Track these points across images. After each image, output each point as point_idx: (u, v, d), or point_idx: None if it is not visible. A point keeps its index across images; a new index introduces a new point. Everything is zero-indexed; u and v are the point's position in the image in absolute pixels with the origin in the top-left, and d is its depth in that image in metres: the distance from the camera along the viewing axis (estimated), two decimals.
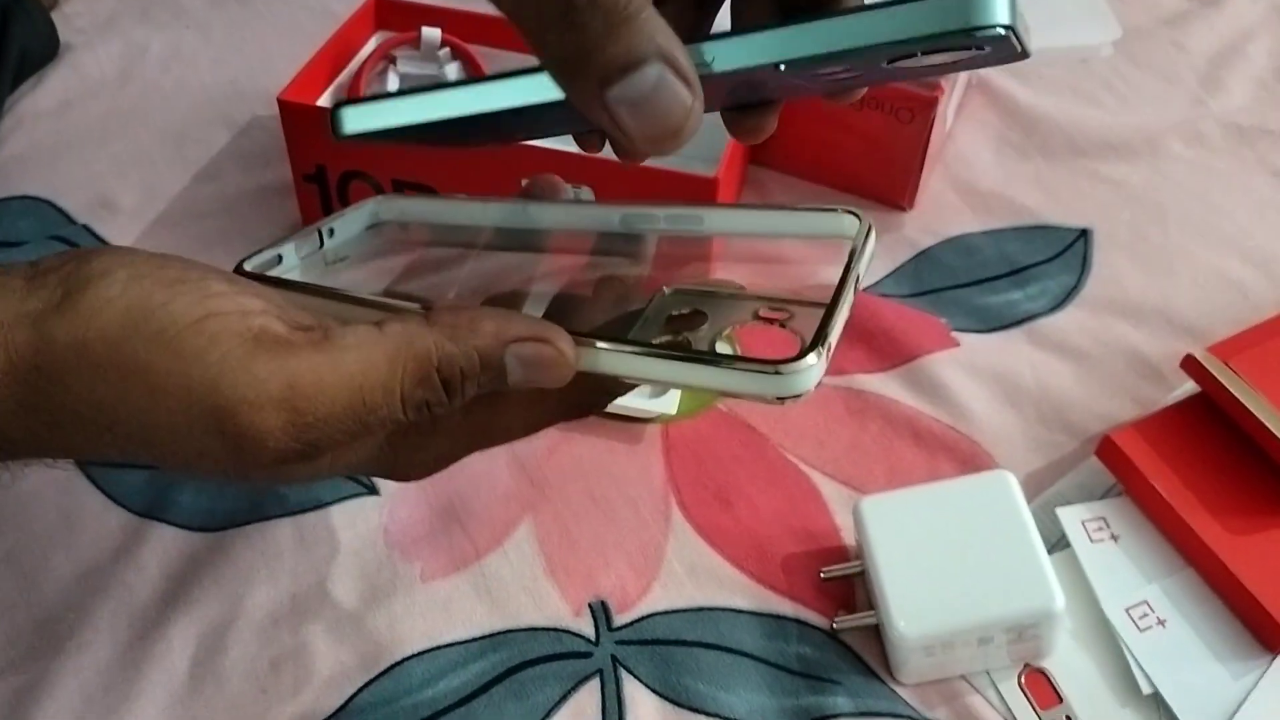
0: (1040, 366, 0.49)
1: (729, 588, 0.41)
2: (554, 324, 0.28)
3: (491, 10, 0.26)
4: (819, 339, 0.27)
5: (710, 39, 0.26)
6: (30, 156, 0.59)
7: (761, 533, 0.43)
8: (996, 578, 0.37)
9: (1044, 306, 0.52)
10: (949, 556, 0.38)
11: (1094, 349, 0.50)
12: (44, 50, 0.64)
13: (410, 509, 0.43)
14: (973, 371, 0.49)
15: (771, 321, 0.29)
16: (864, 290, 0.30)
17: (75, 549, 0.42)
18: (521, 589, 0.41)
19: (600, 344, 0.28)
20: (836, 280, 0.28)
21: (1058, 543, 0.42)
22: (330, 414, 0.26)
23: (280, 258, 0.34)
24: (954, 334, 0.50)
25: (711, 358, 0.27)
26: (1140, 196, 0.57)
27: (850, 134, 0.55)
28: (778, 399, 0.27)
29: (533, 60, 0.26)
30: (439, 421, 0.29)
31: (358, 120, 0.31)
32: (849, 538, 0.43)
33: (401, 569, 0.42)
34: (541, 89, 0.27)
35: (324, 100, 0.54)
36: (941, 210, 0.57)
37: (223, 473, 0.27)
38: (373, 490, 0.44)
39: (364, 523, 0.43)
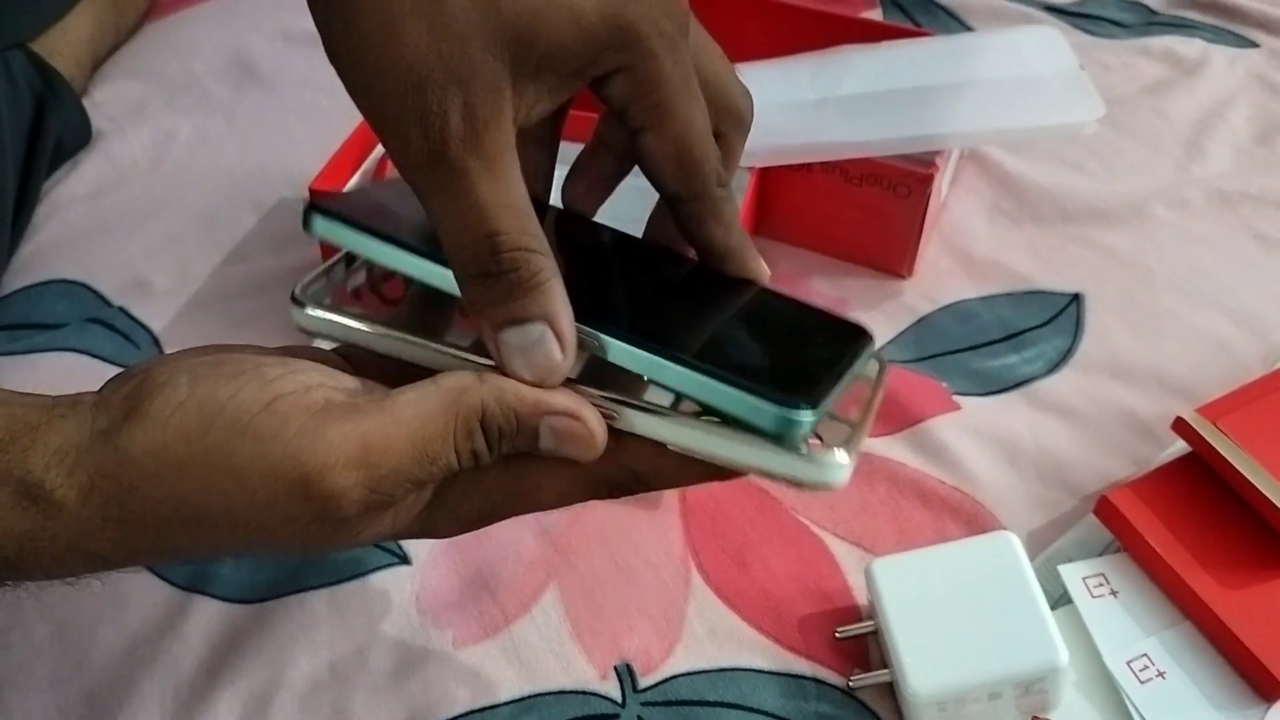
0: (1038, 428, 0.51)
1: (749, 648, 0.43)
2: (591, 406, 0.31)
3: None
4: (849, 443, 0.29)
5: (610, 332, 0.30)
6: (66, 241, 0.62)
7: (778, 594, 0.45)
8: (1004, 635, 0.39)
9: (1040, 370, 0.54)
10: (958, 615, 0.40)
11: (1089, 410, 0.52)
12: (78, 137, 0.67)
13: (441, 577, 0.45)
14: (974, 434, 0.51)
15: None
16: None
17: (122, 622, 0.44)
18: (550, 653, 0.43)
19: (641, 407, 0.30)
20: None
21: (1060, 598, 0.44)
22: (400, 465, 0.29)
23: (330, 272, 0.35)
24: (955, 398, 0.53)
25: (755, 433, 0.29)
26: (1129, 261, 0.59)
27: (851, 207, 0.57)
28: (806, 482, 0.29)
29: None
30: (479, 480, 0.32)
31: (328, 229, 0.33)
32: (861, 597, 0.45)
33: (434, 636, 0.43)
34: None
35: (351, 185, 0.57)
36: (939, 277, 0.59)
37: (307, 538, 0.29)
38: (405, 560, 0.46)
39: (397, 592, 0.45)
